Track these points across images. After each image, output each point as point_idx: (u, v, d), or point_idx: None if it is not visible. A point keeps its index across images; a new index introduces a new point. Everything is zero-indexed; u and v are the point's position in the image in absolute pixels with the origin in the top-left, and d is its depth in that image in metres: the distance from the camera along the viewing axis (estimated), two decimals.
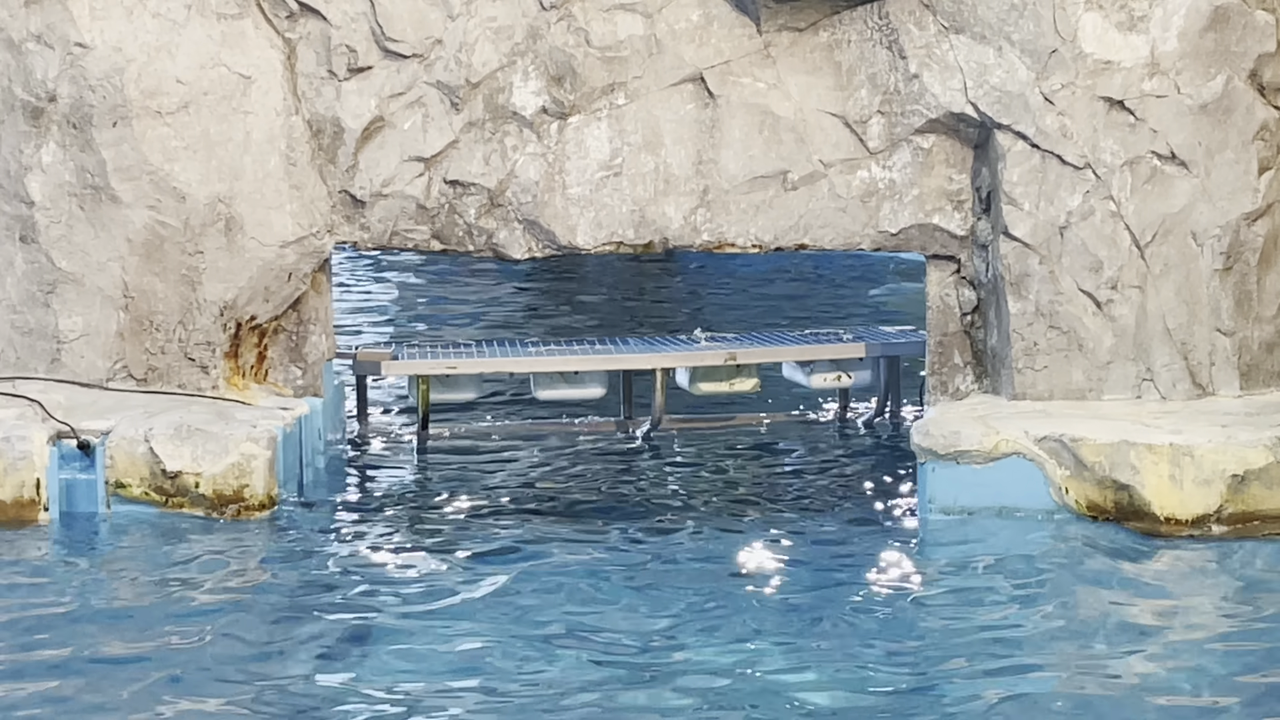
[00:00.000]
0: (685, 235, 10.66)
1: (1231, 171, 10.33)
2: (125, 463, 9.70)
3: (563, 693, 7.39)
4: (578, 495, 10.60)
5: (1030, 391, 10.38)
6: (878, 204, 10.62)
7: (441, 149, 10.57)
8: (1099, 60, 10.28)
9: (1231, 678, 7.55)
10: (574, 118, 10.58)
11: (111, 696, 7.34)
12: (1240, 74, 10.32)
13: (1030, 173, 10.33)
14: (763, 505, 10.33)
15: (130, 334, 10.45)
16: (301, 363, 10.71)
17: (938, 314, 10.73)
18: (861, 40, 10.54)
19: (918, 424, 10.00)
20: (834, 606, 8.50)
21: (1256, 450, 9.46)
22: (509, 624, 8.22)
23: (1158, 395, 10.36)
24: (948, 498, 9.74)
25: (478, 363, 11.54)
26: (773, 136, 10.56)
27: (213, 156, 10.44)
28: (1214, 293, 10.36)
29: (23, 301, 10.47)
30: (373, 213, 10.60)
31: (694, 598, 8.60)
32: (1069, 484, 9.62)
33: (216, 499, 9.69)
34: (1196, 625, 8.23)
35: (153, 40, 10.40)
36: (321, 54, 10.52)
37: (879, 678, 7.57)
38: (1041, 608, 8.51)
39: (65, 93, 10.36)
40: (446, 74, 10.51)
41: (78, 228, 10.40)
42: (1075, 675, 7.59)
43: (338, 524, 9.92)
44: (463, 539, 9.61)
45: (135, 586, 8.79)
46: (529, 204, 10.59)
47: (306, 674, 7.64)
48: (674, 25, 10.56)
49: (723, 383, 11.81)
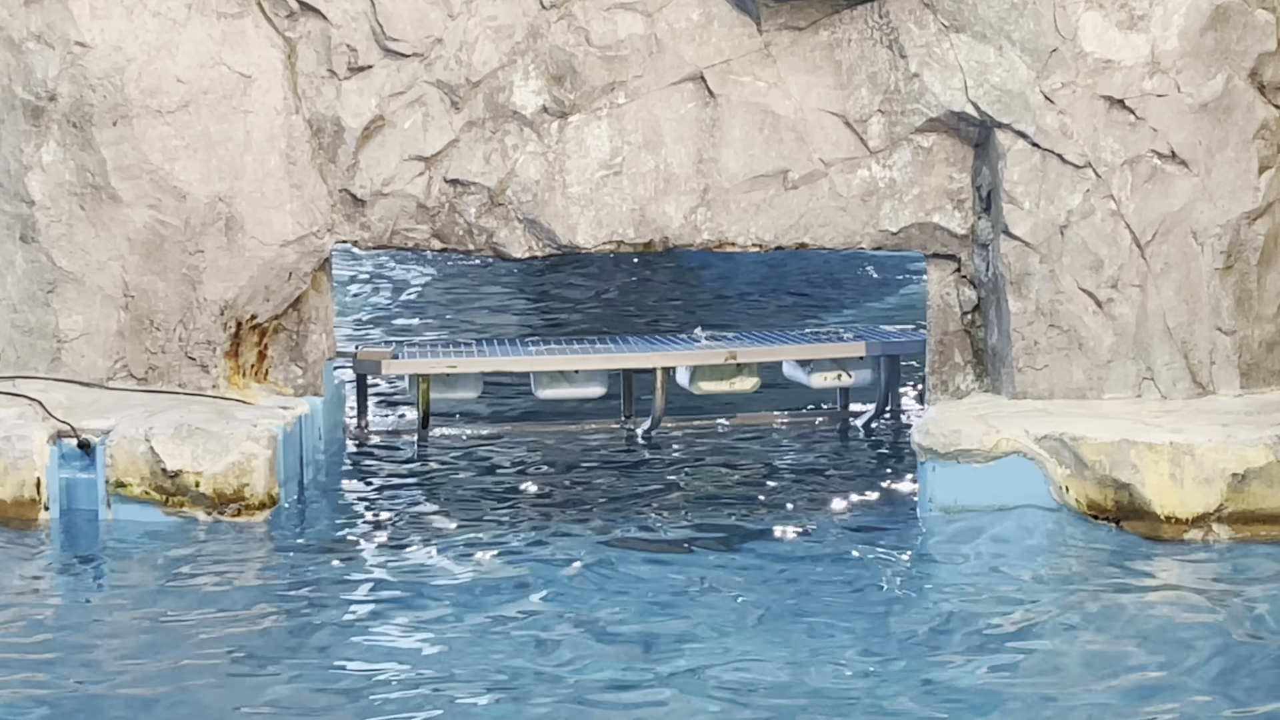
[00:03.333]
0: (685, 234, 10.66)
1: (1232, 170, 10.33)
2: (126, 462, 9.70)
3: (564, 691, 7.39)
4: (578, 494, 10.60)
5: (1031, 390, 10.38)
6: (878, 203, 10.63)
7: (442, 148, 10.57)
8: (1099, 59, 10.28)
9: (1231, 677, 7.55)
10: (574, 117, 10.59)
11: (109, 695, 7.34)
12: (1240, 73, 10.32)
13: (1031, 172, 10.33)
14: (762, 504, 10.33)
15: (130, 333, 10.46)
16: (302, 362, 10.71)
17: (938, 313, 10.73)
18: (862, 39, 10.54)
19: (918, 423, 10.00)
20: (834, 605, 8.50)
21: (1257, 449, 9.46)
22: (510, 622, 8.23)
23: (1158, 394, 10.36)
24: (948, 497, 9.74)
25: (478, 362, 11.54)
26: (773, 135, 10.57)
27: (213, 155, 10.44)
28: (1214, 291, 10.37)
29: (23, 301, 10.47)
30: (373, 212, 10.60)
31: (694, 595, 8.60)
32: (1069, 483, 9.62)
33: (217, 498, 9.69)
34: (1197, 623, 8.22)
35: (153, 39, 10.40)
36: (322, 53, 10.52)
37: (878, 676, 7.57)
38: (1042, 607, 8.51)
39: (65, 92, 10.37)
40: (447, 73, 10.52)
41: (78, 227, 10.40)
42: (1075, 673, 7.60)
43: (338, 523, 9.92)
44: (463, 538, 9.61)
45: (134, 586, 8.79)
46: (529, 203, 10.59)
47: (305, 672, 7.64)
48: (674, 24, 10.56)
49: (723, 382, 11.81)
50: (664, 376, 11.64)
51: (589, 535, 9.64)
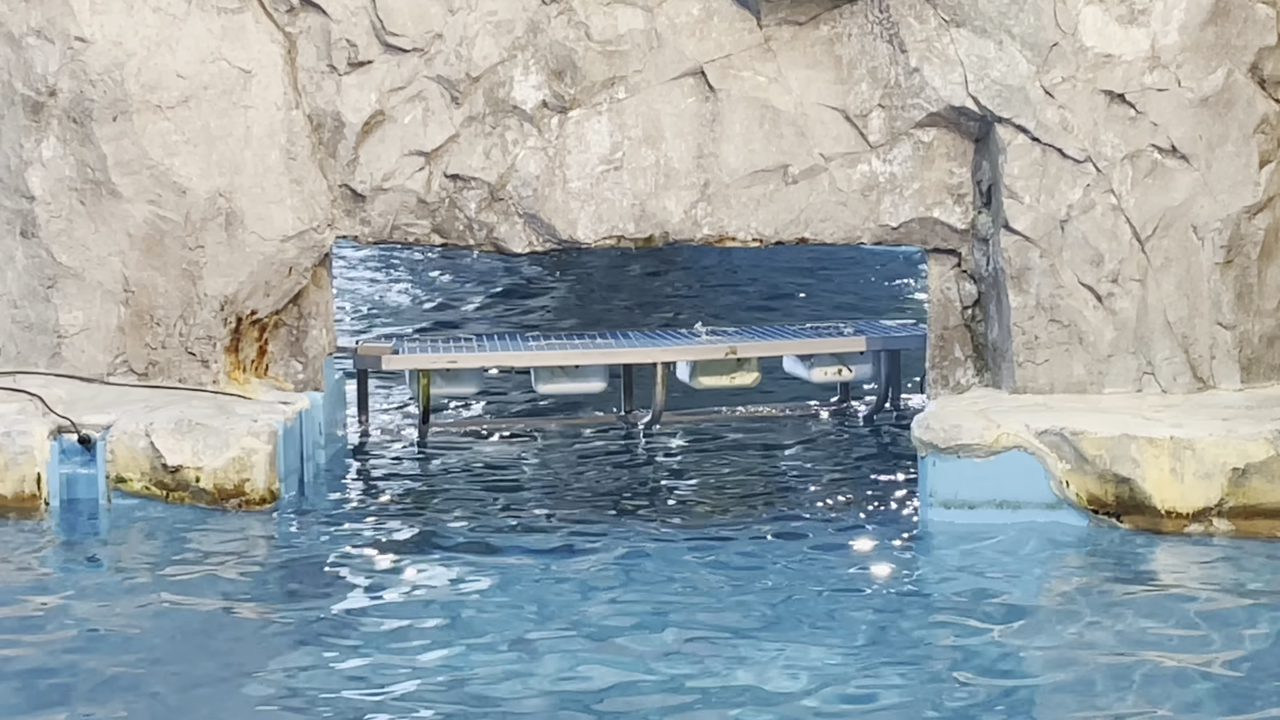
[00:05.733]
0: (686, 229, 10.66)
1: (1232, 165, 10.33)
2: (126, 457, 9.70)
3: (565, 690, 7.39)
4: (578, 489, 10.60)
5: (1031, 385, 10.37)
6: (878, 198, 10.62)
7: (442, 143, 10.57)
8: (1100, 54, 10.27)
9: (1232, 675, 7.55)
10: (574, 112, 10.58)
11: (109, 692, 7.34)
12: (1241, 67, 10.32)
13: (1031, 166, 10.33)
14: (762, 499, 10.34)
15: (131, 328, 10.45)
16: (302, 357, 10.71)
17: (938, 308, 10.73)
18: (862, 34, 10.53)
19: (918, 418, 9.99)
20: (834, 601, 8.50)
21: (1257, 443, 9.46)
22: (511, 620, 8.23)
23: (1158, 389, 10.36)
24: (948, 491, 9.74)
25: (478, 357, 11.53)
26: (773, 130, 10.56)
27: (213, 151, 10.44)
28: (1215, 286, 10.36)
29: (23, 296, 10.47)
30: (373, 207, 10.60)
31: (695, 594, 8.60)
32: (1070, 477, 9.62)
33: (217, 493, 9.69)
34: (1197, 621, 8.22)
35: (153, 35, 10.39)
36: (322, 48, 10.52)
37: (878, 673, 7.57)
38: (1043, 603, 8.52)
39: (65, 87, 10.36)
40: (447, 68, 10.51)
41: (78, 222, 10.40)
42: (1076, 669, 7.59)
43: (338, 518, 9.92)
44: (463, 533, 9.61)
45: (134, 581, 8.79)
46: (529, 198, 10.59)
47: (305, 668, 7.64)
48: (674, 19, 10.55)
49: (724, 377, 11.81)
50: (664, 371, 11.64)
51: (589, 531, 9.64)
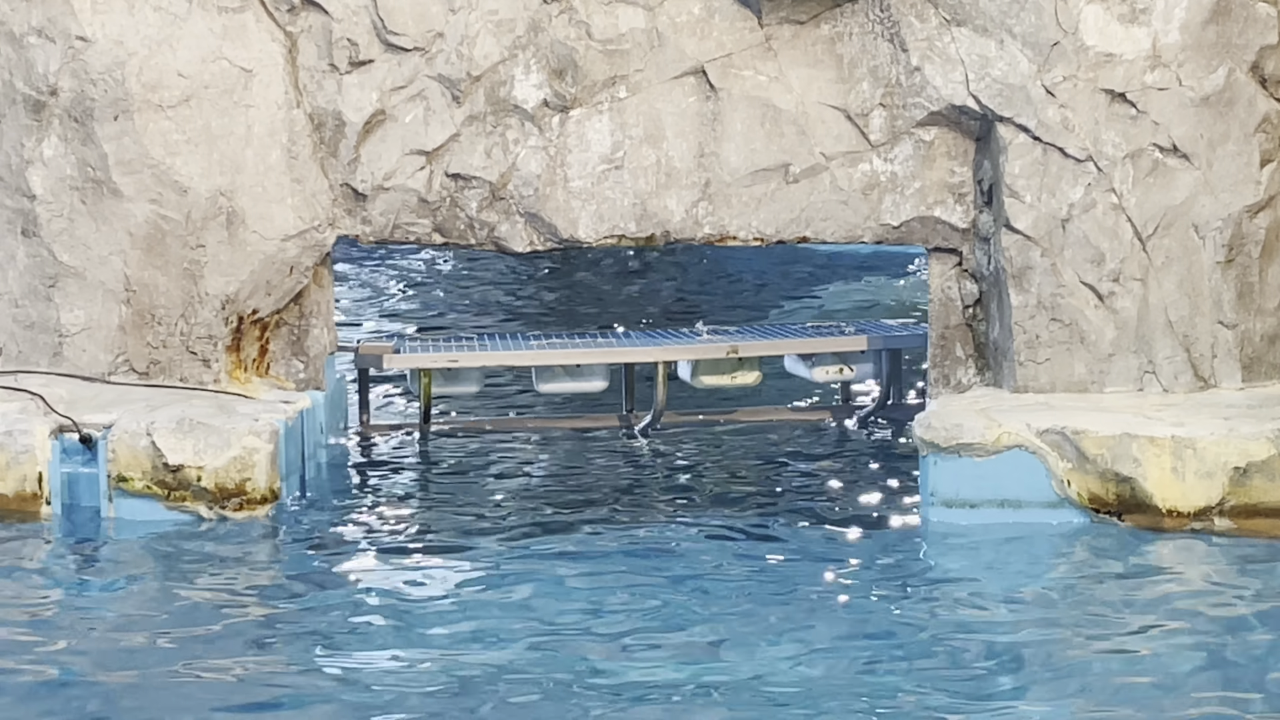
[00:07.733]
0: (687, 228, 10.66)
1: (1233, 164, 10.32)
2: (127, 456, 9.70)
3: (565, 689, 7.39)
4: (579, 488, 10.60)
5: (1032, 384, 10.37)
6: (879, 197, 10.62)
7: (443, 142, 10.57)
8: (1101, 53, 10.27)
9: (1232, 675, 7.55)
10: (575, 111, 10.58)
11: (110, 690, 7.34)
12: (1242, 66, 10.32)
13: (1032, 165, 10.33)
14: (763, 498, 10.33)
15: (132, 328, 10.45)
16: (303, 356, 10.71)
17: (939, 307, 10.73)
18: (863, 33, 10.53)
19: (919, 417, 9.99)
20: (834, 600, 8.50)
21: (1258, 442, 9.46)
22: (511, 619, 8.23)
23: (1160, 388, 10.35)
24: (949, 490, 9.73)
25: (479, 356, 11.52)
26: (774, 129, 10.56)
27: (214, 150, 10.43)
28: (1216, 285, 10.36)
29: (24, 295, 10.47)
30: (374, 206, 10.60)
31: (695, 594, 8.60)
32: (1071, 476, 9.62)
33: (218, 492, 9.69)
34: (1198, 621, 8.22)
35: (154, 34, 10.39)
36: (323, 47, 10.52)
37: (878, 672, 7.57)
38: (1043, 602, 8.52)
39: (66, 86, 10.36)
40: (448, 67, 10.51)
41: (79, 221, 10.40)
42: (1077, 668, 7.59)
43: (340, 518, 9.92)
44: (464, 533, 9.62)
45: (136, 580, 8.80)
46: (530, 197, 10.59)
47: (306, 667, 7.64)
48: (675, 18, 10.55)
49: (725, 376, 11.80)
50: (665, 371, 11.63)
51: (590, 531, 9.64)
